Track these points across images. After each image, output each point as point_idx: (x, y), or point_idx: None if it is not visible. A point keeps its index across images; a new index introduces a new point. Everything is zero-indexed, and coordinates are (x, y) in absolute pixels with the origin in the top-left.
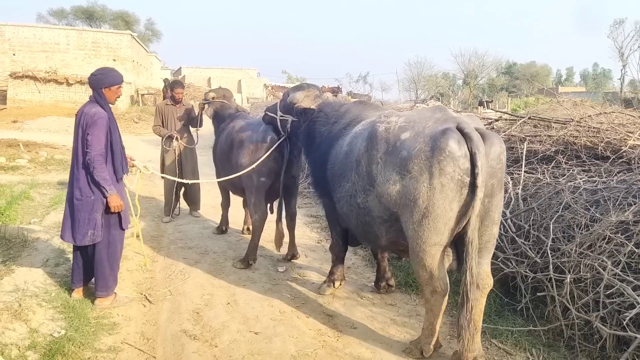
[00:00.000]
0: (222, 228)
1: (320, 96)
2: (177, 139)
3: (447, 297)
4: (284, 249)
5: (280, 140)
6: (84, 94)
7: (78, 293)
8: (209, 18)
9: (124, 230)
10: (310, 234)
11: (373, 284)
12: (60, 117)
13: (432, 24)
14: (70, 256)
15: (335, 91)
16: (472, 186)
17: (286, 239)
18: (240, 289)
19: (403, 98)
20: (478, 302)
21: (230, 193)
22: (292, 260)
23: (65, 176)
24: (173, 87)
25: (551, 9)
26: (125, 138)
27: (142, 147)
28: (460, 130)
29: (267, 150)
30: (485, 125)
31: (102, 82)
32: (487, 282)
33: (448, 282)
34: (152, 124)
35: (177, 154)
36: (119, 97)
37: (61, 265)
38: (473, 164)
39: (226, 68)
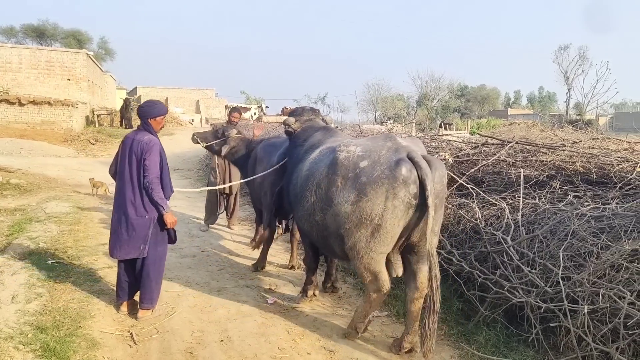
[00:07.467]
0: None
1: (311, 120)
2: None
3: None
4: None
5: (280, 163)
6: (37, 114)
7: (125, 306)
8: (164, 38)
9: (173, 243)
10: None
11: (321, 284)
12: (13, 139)
13: (392, 45)
14: (42, 290)
15: None
16: (423, 206)
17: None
18: (232, 323)
19: (362, 119)
20: (418, 301)
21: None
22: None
23: (22, 201)
24: (231, 112)
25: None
26: (81, 160)
27: (101, 170)
28: (411, 159)
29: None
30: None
31: (148, 114)
32: (427, 285)
33: (389, 283)
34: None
35: (225, 165)
36: (162, 127)
37: (33, 302)
38: (423, 188)
39: (184, 88)
